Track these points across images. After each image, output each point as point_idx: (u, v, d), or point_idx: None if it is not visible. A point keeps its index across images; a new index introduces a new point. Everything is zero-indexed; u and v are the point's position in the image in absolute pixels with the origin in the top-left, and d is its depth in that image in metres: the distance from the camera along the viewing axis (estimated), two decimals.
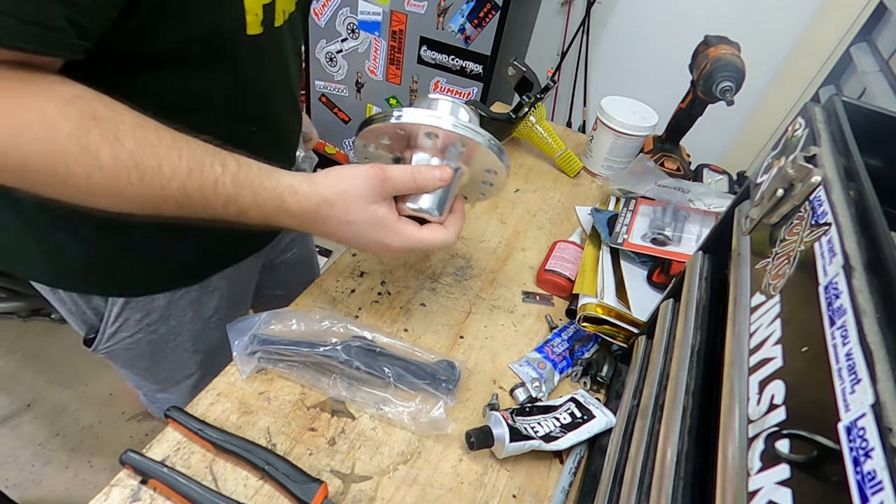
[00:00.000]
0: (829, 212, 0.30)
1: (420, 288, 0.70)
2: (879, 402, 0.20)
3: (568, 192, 0.98)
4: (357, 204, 0.50)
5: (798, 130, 0.40)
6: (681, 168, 0.99)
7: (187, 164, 0.43)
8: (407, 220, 0.54)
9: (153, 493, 0.45)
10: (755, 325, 0.32)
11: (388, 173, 0.50)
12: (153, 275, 0.65)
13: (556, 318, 0.71)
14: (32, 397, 1.42)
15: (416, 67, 1.91)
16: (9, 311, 1.56)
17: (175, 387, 0.80)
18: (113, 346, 0.68)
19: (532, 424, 0.54)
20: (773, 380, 0.27)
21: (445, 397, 0.55)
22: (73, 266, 0.60)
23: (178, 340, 0.72)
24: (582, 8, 1.90)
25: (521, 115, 0.97)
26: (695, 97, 0.92)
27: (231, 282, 0.73)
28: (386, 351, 0.57)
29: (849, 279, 0.25)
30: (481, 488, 0.51)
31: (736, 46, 0.88)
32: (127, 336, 0.67)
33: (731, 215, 0.45)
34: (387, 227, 0.52)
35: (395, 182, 0.51)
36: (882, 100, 1.11)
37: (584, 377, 0.64)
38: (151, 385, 0.79)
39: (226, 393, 0.54)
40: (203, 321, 0.73)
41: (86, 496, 0.62)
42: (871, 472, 0.19)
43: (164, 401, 0.82)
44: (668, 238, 0.73)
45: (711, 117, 0.98)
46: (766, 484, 0.24)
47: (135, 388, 0.85)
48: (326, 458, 0.51)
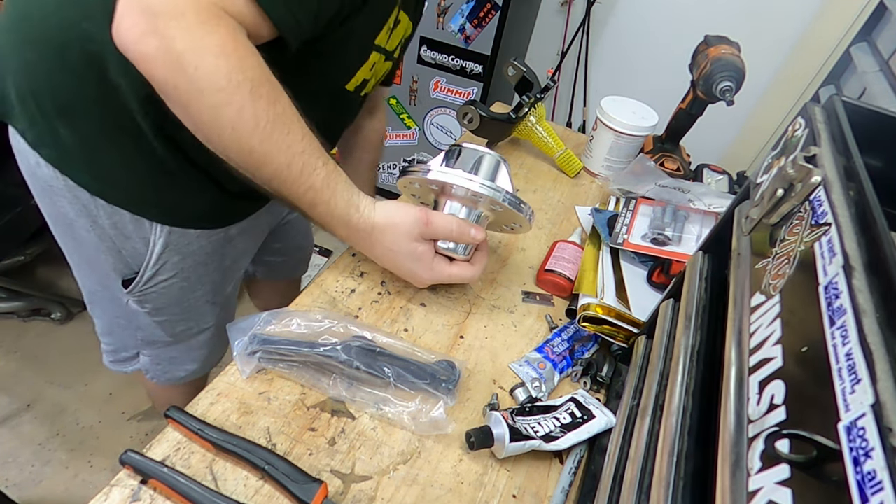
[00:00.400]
0: (829, 212, 0.30)
1: (420, 288, 0.70)
2: (879, 402, 0.20)
3: (568, 192, 0.98)
4: (402, 238, 0.61)
5: (798, 130, 0.40)
6: (681, 168, 0.99)
7: (302, 148, 0.54)
8: (440, 257, 0.64)
9: (153, 493, 0.45)
10: (755, 325, 0.32)
11: (432, 219, 0.61)
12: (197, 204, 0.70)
13: (556, 318, 0.71)
14: (32, 397, 1.42)
15: (416, 67, 1.91)
16: (9, 311, 1.56)
17: (186, 342, 0.85)
18: (149, 288, 0.73)
19: (532, 424, 0.54)
20: (773, 380, 0.27)
21: (445, 397, 0.55)
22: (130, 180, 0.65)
23: (203, 290, 0.79)
24: (582, 8, 1.90)
25: (521, 115, 0.97)
26: (695, 97, 0.92)
27: (246, 235, 0.81)
28: (386, 351, 0.57)
29: (849, 279, 0.25)
30: (481, 488, 0.51)
31: (736, 46, 0.88)
32: (163, 280, 0.73)
33: (731, 215, 0.45)
34: (424, 262, 0.62)
35: (437, 229, 0.61)
36: (882, 100, 1.11)
37: (584, 377, 0.64)
38: (166, 338, 0.82)
39: (226, 393, 0.54)
40: (222, 272, 0.80)
41: (86, 496, 0.62)
42: (871, 472, 0.19)
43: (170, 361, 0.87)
44: (668, 238, 0.73)
45: (711, 117, 0.98)
46: (766, 484, 0.24)
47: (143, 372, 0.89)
48: (326, 458, 0.51)
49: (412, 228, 0.60)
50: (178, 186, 0.67)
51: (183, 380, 0.91)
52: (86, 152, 0.62)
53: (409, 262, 0.62)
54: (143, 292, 0.74)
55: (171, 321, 0.80)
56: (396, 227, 0.60)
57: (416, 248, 0.61)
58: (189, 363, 0.89)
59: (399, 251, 0.61)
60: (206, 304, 0.81)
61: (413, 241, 0.61)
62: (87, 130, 0.61)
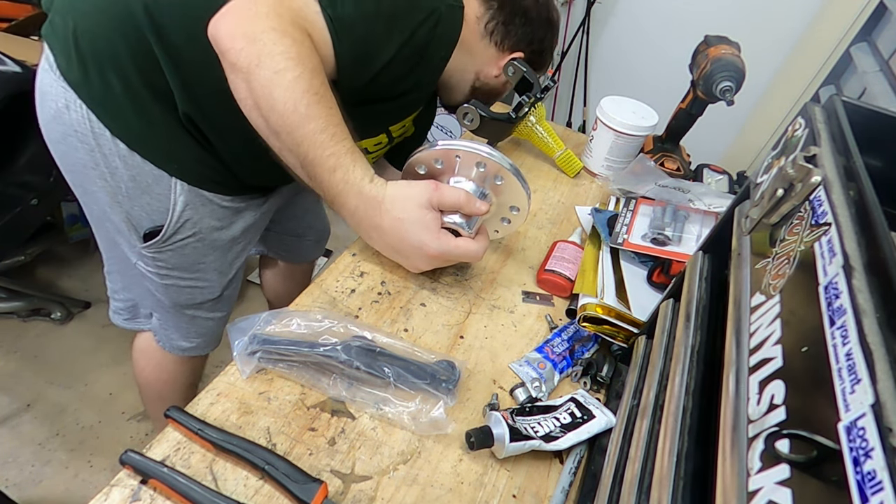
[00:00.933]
0: (829, 212, 0.30)
1: (420, 288, 0.70)
2: (879, 402, 0.20)
3: (568, 192, 0.98)
4: (412, 204, 0.62)
5: (798, 130, 0.40)
6: (681, 168, 0.99)
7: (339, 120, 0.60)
8: (446, 230, 0.65)
9: (153, 493, 0.45)
10: (755, 325, 0.32)
11: (441, 187, 0.63)
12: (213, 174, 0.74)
13: (556, 318, 0.71)
14: (32, 397, 1.42)
15: None
16: (9, 311, 1.56)
17: (191, 312, 0.87)
18: (167, 246, 0.76)
19: (532, 424, 0.54)
20: (773, 380, 0.27)
21: (445, 397, 0.55)
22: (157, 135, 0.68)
23: (214, 256, 0.81)
24: (582, 8, 1.90)
25: (521, 115, 0.97)
26: (695, 97, 0.92)
27: (255, 209, 0.83)
28: (386, 351, 0.57)
29: (849, 279, 0.25)
30: (481, 488, 0.51)
31: (736, 46, 0.88)
32: (181, 238, 0.76)
33: (731, 215, 0.45)
34: (431, 230, 0.63)
35: (446, 196, 0.63)
36: (882, 100, 1.11)
37: (584, 377, 0.64)
38: (168, 305, 0.84)
39: (226, 393, 0.54)
40: (230, 241, 0.82)
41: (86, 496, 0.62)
42: (871, 472, 0.19)
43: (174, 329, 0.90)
44: (668, 238, 0.73)
45: (711, 117, 0.98)
46: (766, 484, 0.24)
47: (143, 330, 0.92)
48: (326, 458, 0.51)
49: (422, 195, 0.62)
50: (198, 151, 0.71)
51: (187, 352, 0.93)
52: (126, 102, 0.65)
53: (416, 230, 0.63)
54: (160, 249, 0.76)
55: (177, 287, 0.81)
56: (406, 197, 0.62)
57: (425, 214, 0.62)
58: (194, 336, 0.91)
59: (407, 218, 0.62)
60: (213, 272, 0.83)
61: (422, 207, 0.62)
62: (132, 82, 0.64)
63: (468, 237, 0.66)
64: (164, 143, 0.69)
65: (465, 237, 0.65)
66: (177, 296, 0.83)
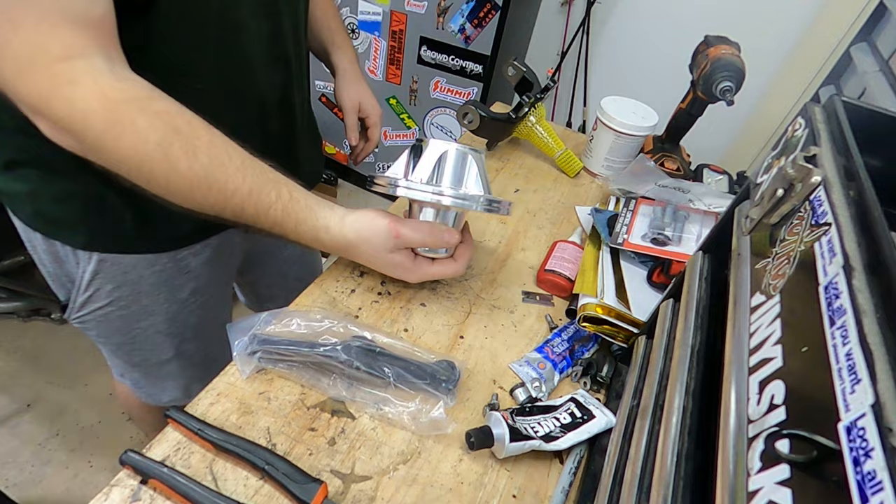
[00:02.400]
0: (829, 212, 0.30)
1: (420, 288, 0.70)
2: (879, 402, 0.20)
3: (568, 192, 0.98)
4: (377, 251, 0.61)
5: (798, 130, 0.40)
6: (681, 168, 0.99)
7: (249, 187, 0.52)
8: (422, 258, 0.64)
9: (153, 493, 0.45)
10: (755, 325, 0.32)
11: (401, 232, 0.60)
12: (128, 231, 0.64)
13: (556, 318, 0.71)
14: (32, 397, 1.42)
15: (416, 67, 1.91)
16: (9, 311, 1.56)
17: (154, 371, 0.81)
18: (85, 315, 0.71)
19: (532, 424, 0.54)
20: (773, 380, 0.27)
21: (445, 397, 0.55)
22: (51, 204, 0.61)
23: (151, 321, 0.74)
24: (582, 8, 1.90)
25: (521, 115, 0.97)
26: (695, 97, 0.92)
27: (208, 264, 0.75)
28: (386, 351, 0.57)
29: (849, 279, 0.25)
30: (481, 488, 0.51)
31: (736, 46, 0.88)
32: (98, 308, 0.70)
33: (731, 215, 0.45)
34: (405, 268, 0.63)
35: (408, 239, 0.61)
36: (882, 100, 1.11)
37: (584, 377, 0.64)
38: (127, 366, 0.80)
39: (226, 393, 0.54)
40: (179, 303, 0.74)
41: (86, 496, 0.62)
42: (871, 472, 0.19)
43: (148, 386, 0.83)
44: (668, 238, 0.73)
45: (711, 117, 0.98)
46: (766, 484, 0.24)
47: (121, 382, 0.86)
48: (326, 458, 0.51)
49: (385, 242, 0.60)
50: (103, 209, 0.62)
51: (171, 402, 0.86)
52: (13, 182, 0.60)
53: (391, 270, 0.64)
54: (79, 319, 0.72)
55: (123, 350, 0.76)
56: (369, 242, 0.60)
57: (393, 258, 0.62)
58: (171, 390, 0.84)
59: (377, 262, 0.63)
60: (157, 334, 0.75)
61: (388, 252, 0.61)
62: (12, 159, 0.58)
63: (446, 258, 0.65)
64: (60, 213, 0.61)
65: (444, 259, 0.65)
66: (129, 357, 0.78)
